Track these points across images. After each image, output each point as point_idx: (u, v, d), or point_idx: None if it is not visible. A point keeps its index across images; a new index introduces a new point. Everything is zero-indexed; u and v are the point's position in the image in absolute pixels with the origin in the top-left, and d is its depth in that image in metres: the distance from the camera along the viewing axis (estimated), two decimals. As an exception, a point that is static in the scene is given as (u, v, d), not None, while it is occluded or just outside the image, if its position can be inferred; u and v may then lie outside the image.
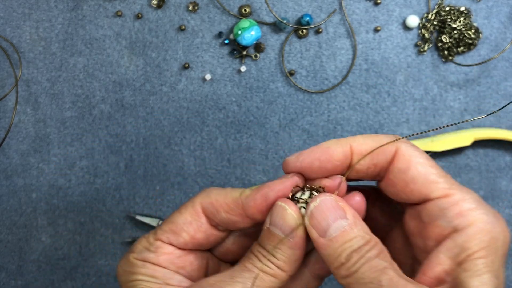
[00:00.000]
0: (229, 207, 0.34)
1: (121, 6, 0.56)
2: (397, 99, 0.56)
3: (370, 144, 0.32)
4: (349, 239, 0.29)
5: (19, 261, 0.57)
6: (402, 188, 0.31)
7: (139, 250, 0.35)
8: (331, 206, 0.30)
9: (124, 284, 0.35)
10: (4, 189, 0.57)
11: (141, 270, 0.34)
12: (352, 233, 0.29)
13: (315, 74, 0.56)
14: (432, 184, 0.30)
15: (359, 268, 0.29)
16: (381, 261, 0.29)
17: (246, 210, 0.33)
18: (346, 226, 0.30)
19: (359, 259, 0.29)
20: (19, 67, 0.56)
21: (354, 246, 0.29)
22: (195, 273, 0.36)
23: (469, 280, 0.28)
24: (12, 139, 0.56)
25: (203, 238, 0.35)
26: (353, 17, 0.55)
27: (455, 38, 0.55)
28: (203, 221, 0.35)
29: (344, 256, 0.29)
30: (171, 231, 0.35)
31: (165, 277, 0.34)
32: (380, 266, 0.28)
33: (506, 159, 0.56)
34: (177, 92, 0.56)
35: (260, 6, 0.55)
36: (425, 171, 0.31)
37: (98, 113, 0.56)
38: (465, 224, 0.29)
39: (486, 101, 0.56)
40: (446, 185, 0.30)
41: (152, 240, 0.35)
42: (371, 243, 0.29)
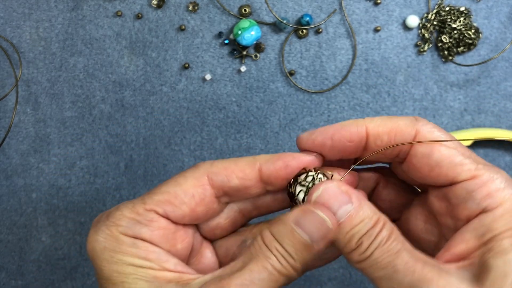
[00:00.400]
0: (244, 172, 0.32)
1: (121, 6, 0.56)
2: (397, 99, 0.56)
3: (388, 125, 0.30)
4: (357, 223, 0.28)
5: (19, 261, 0.57)
6: (427, 173, 0.30)
7: (127, 223, 0.30)
8: (334, 194, 0.29)
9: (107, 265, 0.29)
10: (4, 189, 0.57)
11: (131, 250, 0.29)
12: (359, 217, 0.28)
13: (315, 74, 0.56)
14: (458, 167, 0.29)
15: (372, 253, 0.28)
16: (394, 243, 0.28)
17: (263, 174, 0.32)
18: (352, 210, 0.28)
19: (371, 244, 0.28)
20: (19, 67, 0.56)
21: (363, 230, 0.28)
22: (184, 252, 0.33)
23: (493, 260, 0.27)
24: (12, 139, 0.56)
25: (203, 212, 0.32)
26: (353, 17, 0.55)
27: (455, 38, 0.55)
28: (208, 193, 0.32)
29: (354, 241, 0.28)
30: (167, 202, 0.31)
31: (161, 259, 0.30)
32: (394, 249, 0.28)
33: (506, 159, 0.56)
34: (177, 92, 0.56)
35: (260, 6, 0.56)
36: (450, 153, 0.29)
37: (98, 113, 0.56)
38: (493, 205, 0.28)
39: (486, 101, 0.56)
40: (473, 165, 0.29)
41: (143, 211, 0.30)
42: (380, 224, 0.28)
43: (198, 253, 0.34)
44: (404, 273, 0.27)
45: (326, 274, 0.56)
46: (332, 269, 0.56)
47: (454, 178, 0.29)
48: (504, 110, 0.56)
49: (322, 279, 0.56)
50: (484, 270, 0.27)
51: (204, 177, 0.32)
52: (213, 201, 0.33)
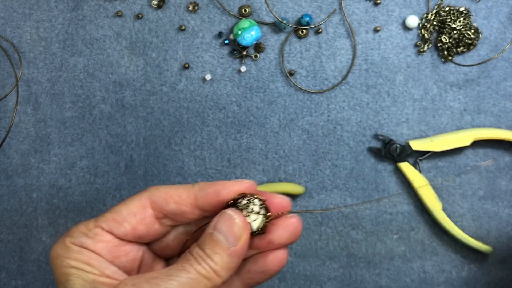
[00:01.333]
0: (180, 198, 0.36)
1: (121, 6, 0.56)
2: (396, 99, 0.56)
3: None
4: None
5: (19, 261, 0.57)
6: None
7: (77, 235, 0.35)
8: None
9: (58, 268, 0.34)
10: (4, 189, 0.57)
11: (77, 255, 0.34)
12: None
13: (315, 74, 0.56)
14: None
15: None
16: None
17: (198, 201, 0.36)
18: None
19: None
20: (19, 67, 0.56)
21: None
22: (129, 265, 0.36)
23: None
24: (12, 139, 0.56)
25: (144, 231, 0.36)
26: (353, 17, 0.55)
27: (454, 38, 0.55)
28: (148, 214, 0.36)
29: None
30: (113, 220, 0.35)
31: (101, 266, 0.34)
32: None
33: (505, 159, 0.56)
34: (177, 92, 0.56)
35: (260, 6, 0.56)
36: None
37: (99, 113, 0.56)
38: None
39: (486, 101, 0.56)
40: None
41: (92, 227, 0.35)
42: None
43: (149, 268, 0.38)
44: None
45: (326, 274, 0.56)
46: (332, 269, 0.56)
47: None
48: (503, 110, 0.56)
49: (322, 279, 0.56)
50: None
51: (147, 199, 0.36)
52: (154, 221, 0.36)
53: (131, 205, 0.36)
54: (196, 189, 0.36)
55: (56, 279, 0.34)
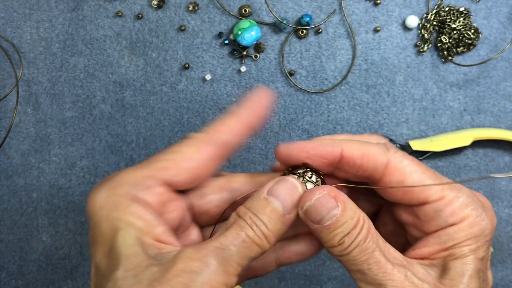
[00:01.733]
0: None
1: (122, 7, 0.56)
2: (396, 99, 0.56)
3: (362, 150, 0.33)
4: (340, 225, 0.31)
5: (19, 260, 0.57)
6: (400, 196, 0.33)
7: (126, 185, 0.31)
8: (325, 201, 0.32)
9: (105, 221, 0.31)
10: (4, 189, 0.57)
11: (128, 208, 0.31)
12: (343, 219, 0.31)
13: (315, 74, 0.56)
14: (428, 190, 0.33)
15: (350, 251, 0.31)
16: (370, 243, 0.31)
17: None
18: (338, 214, 0.31)
19: (350, 243, 0.31)
20: (19, 67, 0.56)
21: (345, 231, 0.31)
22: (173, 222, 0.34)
23: (453, 262, 0.32)
24: (12, 139, 0.56)
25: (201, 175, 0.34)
26: (352, 17, 0.56)
27: (454, 38, 0.55)
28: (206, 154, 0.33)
29: (336, 240, 0.31)
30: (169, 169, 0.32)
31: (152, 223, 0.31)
32: (369, 249, 0.31)
33: (505, 159, 0.56)
34: (178, 92, 0.56)
35: (260, 6, 0.56)
36: (420, 179, 0.33)
37: (99, 113, 0.56)
38: (457, 220, 0.32)
39: (486, 101, 0.56)
40: (440, 187, 0.33)
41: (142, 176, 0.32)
42: (360, 224, 0.32)
43: (186, 230, 0.36)
44: (376, 271, 0.31)
45: (326, 274, 0.56)
46: (332, 269, 0.56)
47: (424, 200, 0.33)
48: (503, 110, 0.56)
49: (322, 279, 0.56)
50: (444, 270, 0.32)
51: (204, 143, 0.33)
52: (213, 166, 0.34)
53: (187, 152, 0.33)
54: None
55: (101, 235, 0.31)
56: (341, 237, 0.31)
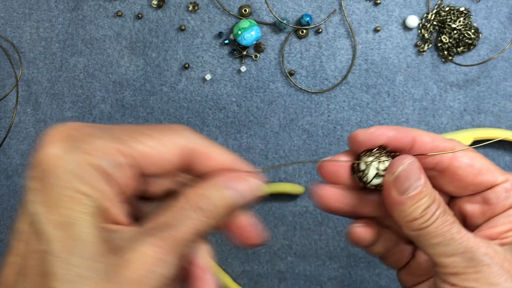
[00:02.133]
0: None
1: (121, 6, 0.56)
2: (396, 99, 0.56)
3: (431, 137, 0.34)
4: (423, 197, 0.32)
5: (19, 260, 0.57)
6: (471, 180, 0.35)
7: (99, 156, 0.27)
8: (414, 168, 0.33)
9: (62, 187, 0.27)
10: (4, 189, 0.57)
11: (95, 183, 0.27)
12: (425, 192, 0.32)
13: (315, 74, 0.56)
14: (495, 172, 0.35)
15: (432, 223, 0.32)
16: (449, 216, 0.32)
17: None
18: (421, 185, 0.32)
19: (432, 215, 0.32)
20: (19, 67, 0.56)
21: (426, 204, 0.32)
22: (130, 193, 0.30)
23: None
24: (12, 139, 0.56)
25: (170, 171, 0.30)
26: (353, 17, 0.56)
27: (454, 38, 0.55)
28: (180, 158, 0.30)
29: (418, 212, 0.32)
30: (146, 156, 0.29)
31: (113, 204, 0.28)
32: (450, 221, 0.32)
33: (505, 159, 0.56)
34: (177, 92, 0.56)
35: (260, 6, 0.56)
36: (486, 162, 0.35)
37: (99, 113, 0.56)
38: None
39: (486, 101, 0.56)
40: (501, 171, 0.35)
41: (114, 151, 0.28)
42: (438, 200, 0.33)
43: None
44: (459, 240, 0.32)
45: (326, 274, 0.56)
46: (332, 269, 0.56)
47: (494, 182, 0.35)
48: (503, 110, 0.56)
49: (322, 279, 0.56)
50: None
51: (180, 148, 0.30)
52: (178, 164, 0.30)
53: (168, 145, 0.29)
54: None
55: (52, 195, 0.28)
56: (423, 208, 0.32)
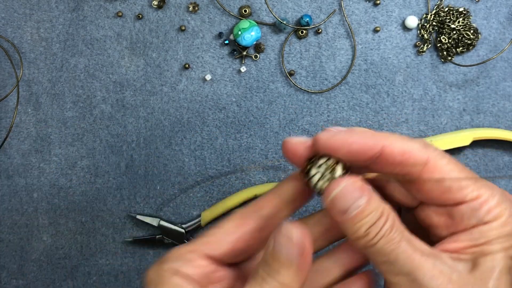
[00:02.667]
0: None
1: (122, 7, 0.56)
2: (396, 99, 0.56)
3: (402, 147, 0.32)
4: (365, 216, 0.31)
5: (20, 260, 0.57)
6: (437, 196, 0.33)
7: (172, 260, 0.34)
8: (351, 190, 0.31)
9: None
10: (5, 188, 0.57)
11: (169, 281, 0.33)
12: (368, 210, 0.31)
13: (314, 74, 0.56)
14: (465, 189, 0.32)
15: (376, 242, 0.31)
16: (396, 233, 0.31)
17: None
18: (363, 204, 0.31)
19: (377, 234, 0.31)
20: (20, 68, 0.56)
21: (369, 223, 0.31)
22: None
23: (483, 258, 0.32)
24: (13, 139, 0.57)
25: (242, 249, 0.35)
26: (352, 17, 0.56)
27: (454, 38, 0.55)
28: (247, 229, 0.34)
29: (362, 231, 0.31)
30: (209, 243, 0.34)
31: None
32: (396, 239, 0.31)
33: (504, 159, 0.56)
34: (178, 92, 0.56)
35: (260, 6, 0.56)
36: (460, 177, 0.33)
37: (99, 113, 0.56)
38: (491, 219, 0.32)
39: (485, 101, 0.56)
40: (475, 186, 0.33)
41: (185, 252, 0.34)
42: (385, 216, 0.31)
43: None
44: (404, 261, 0.31)
45: (325, 273, 0.56)
46: (331, 268, 0.56)
47: (462, 199, 0.33)
48: (503, 110, 0.56)
49: (321, 278, 0.56)
50: (474, 265, 0.32)
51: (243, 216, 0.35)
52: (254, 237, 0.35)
53: (227, 226, 0.34)
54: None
55: None
56: (366, 227, 0.31)
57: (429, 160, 0.32)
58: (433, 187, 0.33)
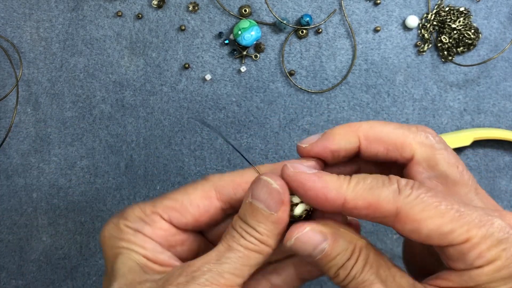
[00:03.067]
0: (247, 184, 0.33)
1: (122, 7, 0.56)
2: (396, 99, 0.56)
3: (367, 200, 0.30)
4: (332, 258, 0.30)
5: (19, 260, 0.57)
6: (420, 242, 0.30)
7: (132, 219, 0.34)
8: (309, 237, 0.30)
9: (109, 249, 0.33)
10: (4, 189, 0.57)
11: (131, 237, 0.33)
12: (334, 252, 0.30)
13: (315, 74, 0.56)
14: (450, 235, 0.29)
15: (347, 284, 0.30)
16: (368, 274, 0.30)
17: None
18: (327, 248, 0.30)
19: (346, 276, 0.30)
20: (19, 67, 0.56)
21: (339, 263, 0.30)
22: (185, 253, 0.35)
23: None
24: (12, 139, 0.56)
25: (205, 222, 0.34)
26: (353, 17, 0.56)
27: (454, 38, 0.55)
28: (213, 205, 0.34)
29: (332, 272, 0.30)
30: (173, 209, 0.34)
31: (155, 250, 0.33)
32: (367, 281, 0.30)
33: (505, 159, 0.56)
34: (177, 92, 0.56)
35: (260, 6, 0.56)
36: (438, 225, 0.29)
37: (99, 113, 0.56)
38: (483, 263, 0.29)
39: (486, 101, 0.56)
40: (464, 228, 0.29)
41: (149, 212, 0.34)
42: (355, 255, 0.30)
43: None
44: None
45: (326, 273, 0.56)
46: (332, 268, 0.56)
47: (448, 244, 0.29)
48: (503, 110, 0.56)
49: (322, 279, 0.56)
50: None
51: (212, 190, 0.34)
52: (218, 213, 0.35)
53: (193, 196, 0.34)
54: None
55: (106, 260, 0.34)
56: (335, 270, 0.30)
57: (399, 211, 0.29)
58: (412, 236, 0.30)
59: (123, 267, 0.32)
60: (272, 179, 0.31)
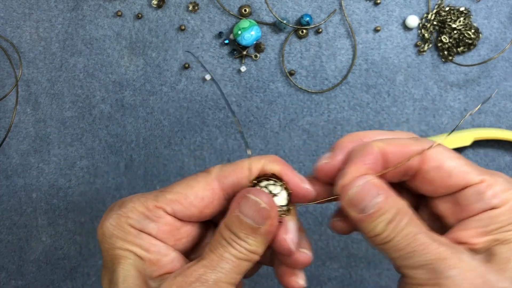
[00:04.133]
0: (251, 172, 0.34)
1: (121, 6, 0.56)
2: (397, 99, 0.56)
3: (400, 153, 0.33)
4: (384, 213, 0.32)
5: (19, 261, 0.57)
6: (440, 183, 0.33)
7: (136, 217, 0.33)
8: (369, 189, 0.32)
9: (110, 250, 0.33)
10: (4, 189, 0.57)
11: (135, 240, 0.33)
12: (386, 207, 0.32)
13: (315, 74, 0.56)
14: (467, 174, 0.32)
15: (393, 237, 0.31)
16: (412, 227, 0.32)
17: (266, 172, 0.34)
18: (381, 202, 0.32)
19: (393, 229, 0.31)
20: (19, 67, 0.56)
21: (387, 219, 0.31)
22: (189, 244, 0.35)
23: (498, 247, 0.31)
24: (12, 139, 0.56)
25: (209, 213, 0.35)
26: (353, 17, 0.55)
27: (455, 38, 0.55)
28: (217, 197, 0.34)
29: (379, 228, 0.32)
30: (177, 202, 0.34)
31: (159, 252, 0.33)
32: (412, 233, 0.31)
33: (506, 159, 0.56)
34: (177, 92, 0.56)
35: (260, 6, 0.56)
36: (458, 163, 0.33)
37: (98, 113, 0.56)
38: (499, 203, 0.32)
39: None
40: (478, 172, 0.33)
41: (152, 207, 0.33)
42: (402, 212, 0.32)
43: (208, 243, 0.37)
44: (421, 252, 0.31)
45: (326, 274, 0.56)
46: (332, 269, 0.56)
47: (465, 184, 0.33)
48: (504, 110, 0.56)
49: (322, 279, 0.56)
50: (490, 255, 0.31)
51: (215, 181, 0.34)
52: (222, 203, 0.35)
53: (197, 188, 0.34)
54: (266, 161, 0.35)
55: (105, 260, 0.33)
56: (385, 224, 0.31)
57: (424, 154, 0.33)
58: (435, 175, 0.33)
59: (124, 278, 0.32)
60: (261, 199, 0.32)
